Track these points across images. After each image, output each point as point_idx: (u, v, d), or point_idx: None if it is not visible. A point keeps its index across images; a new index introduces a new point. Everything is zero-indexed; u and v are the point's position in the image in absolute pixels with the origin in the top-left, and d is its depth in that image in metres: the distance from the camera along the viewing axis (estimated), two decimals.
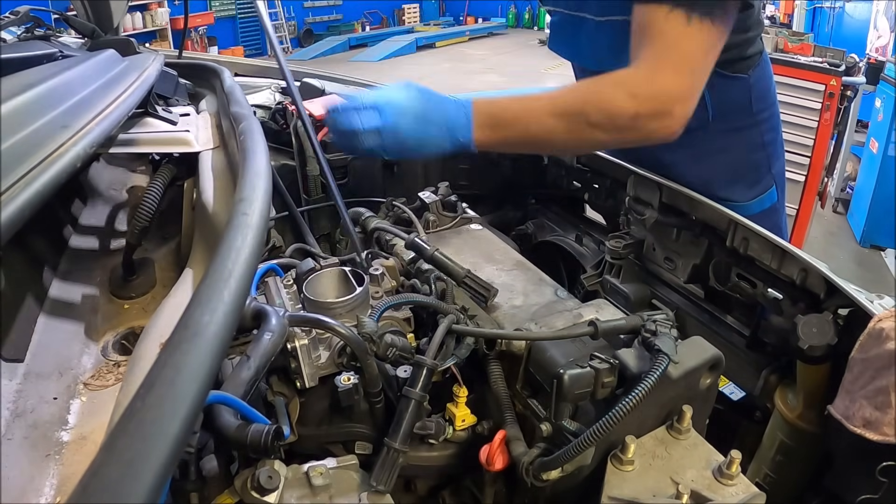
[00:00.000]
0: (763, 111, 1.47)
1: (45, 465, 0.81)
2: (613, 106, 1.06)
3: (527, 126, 1.13)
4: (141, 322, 1.13)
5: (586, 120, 1.08)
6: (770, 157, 1.55)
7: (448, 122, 1.13)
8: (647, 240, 1.57)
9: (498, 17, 17.65)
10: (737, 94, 1.40)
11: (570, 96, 1.11)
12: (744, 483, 0.82)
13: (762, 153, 1.53)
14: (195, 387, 0.48)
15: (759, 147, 1.52)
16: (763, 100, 1.46)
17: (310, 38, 14.60)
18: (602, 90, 1.08)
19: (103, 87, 1.10)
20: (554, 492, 0.91)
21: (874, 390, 0.90)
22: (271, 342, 0.79)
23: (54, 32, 1.68)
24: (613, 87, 1.07)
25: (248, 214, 0.78)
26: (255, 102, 1.85)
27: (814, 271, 1.13)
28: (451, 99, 1.16)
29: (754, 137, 1.50)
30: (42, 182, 0.65)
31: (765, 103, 1.47)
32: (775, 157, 1.56)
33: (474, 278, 1.11)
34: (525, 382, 1.00)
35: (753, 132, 1.49)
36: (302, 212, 1.54)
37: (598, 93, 1.08)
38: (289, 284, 1.07)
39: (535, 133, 1.13)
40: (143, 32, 10.69)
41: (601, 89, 1.08)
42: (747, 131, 1.48)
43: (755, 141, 1.50)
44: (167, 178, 1.30)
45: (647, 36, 1.05)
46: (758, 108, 1.45)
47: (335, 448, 1.00)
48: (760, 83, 1.43)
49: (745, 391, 1.32)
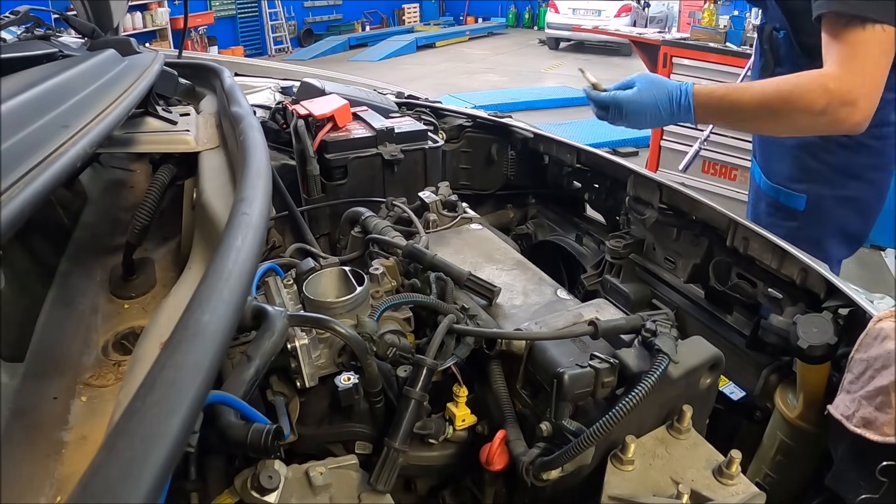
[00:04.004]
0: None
1: (45, 465, 0.81)
2: (814, 95, 1.30)
3: (741, 114, 1.43)
4: (141, 322, 1.13)
5: (791, 107, 1.33)
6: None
7: (672, 109, 1.44)
8: (647, 240, 1.57)
9: (498, 16, 17.64)
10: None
11: (777, 88, 1.36)
12: (744, 483, 0.82)
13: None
14: (195, 387, 0.48)
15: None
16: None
17: (310, 38, 14.60)
18: (803, 83, 1.33)
19: (103, 87, 1.10)
20: (554, 492, 0.91)
21: (874, 390, 0.90)
22: (271, 342, 0.79)
23: (54, 32, 1.68)
24: (811, 81, 1.32)
25: (248, 214, 0.78)
26: (255, 102, 1.85)
27: (814, 271, 1.13)
28: (674, 87, 1.45)
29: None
30: (42, 182, 0.65)
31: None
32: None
33: (476, 279, 1.11)
34: (525, 382, 1.00)
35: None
36: (302, 212, 1.53)
37: (801, 86, 1.33)
38: (289, 284, 1.07)
39: (748, 118, 1.45)
40: (143, 32, 10.70)
41: (803, 83, 1.33)
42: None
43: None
44: (167, 178, 1.30)
45: (834, 43, 1.32)
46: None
47: (335, 448, 1.00)
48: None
49: (745, 391, 1.32)
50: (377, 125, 1.64)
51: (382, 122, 1.66)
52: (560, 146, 1.81)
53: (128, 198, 1.59)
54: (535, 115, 7.85)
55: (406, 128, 1.68)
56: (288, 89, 2.09)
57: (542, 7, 15.55)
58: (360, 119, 1.70)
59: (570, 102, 8.71)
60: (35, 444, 0.84)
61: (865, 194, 1.66)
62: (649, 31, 6.12)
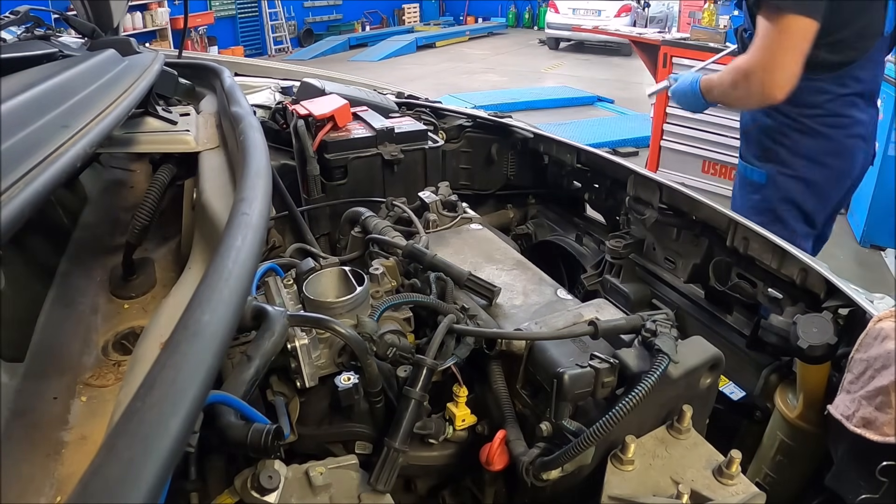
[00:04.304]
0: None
1: (45, 465, 0.81)
2: (733, 73, 1.77)
3: (717, 94, 1.87)
4: (141, 322, 1.12)
5: (726, 84, 1.81)
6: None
7: (692, 93, 1.95)
8: (647, 240, 1.57)
9: (498, 16, 17.63)
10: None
11: (722, 72, 1.83)
12: (744, 483, 0.82)
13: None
14: (195, 387, 0.48)
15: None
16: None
17: (310, 38, 14.59)
18: (730, 65, 1.81)
19: (103, 87, 1.10)
20: (554, 492, 0.91)
21: (874, 390, 0.90)
22: (272, 342, 0.79)
23: (54, 32, 1.67)
24: (733, 62, 1.79)
25: (248, 214, 0.78)
26: (255, 102, 1.85)
27: (814, 271, 1.13)
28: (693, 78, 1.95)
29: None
30: (42, 182, 0.65)
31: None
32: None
33: (476, 279, 1.11)
34: (525, 382, 1.00)
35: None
36: (302, 212, 1.53)
37: (729, 68, 1.80)
38: (289, 284, 1.07)
39: (719, 96, 1.87)
40: (143, 32, 10.69)
41: (730, 65, 1.80)
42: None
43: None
44: (167, 178, 1.30)
45: (756, 31, 1.71)
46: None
47: (335, 448, 1.00)
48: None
49: (745, 391, 1.32)
50: (377, 125, 1.64)
51: (382, 122, 1.66)
52: (560, 146, 1.81)
53: (128, 198, 1.59)
54: (535, 115, 7.84)
55: (406, 128, 1.68)
56: (288, 89, 2.09)
57: (542, 7, 15.54)
58: (360, 119, 1.70)
59: (570, 102, 8.71)
60: (35, 444, 0.84)
61: (821, 177, 1.88)
62: (649, 31, 6.11)
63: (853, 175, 1.92)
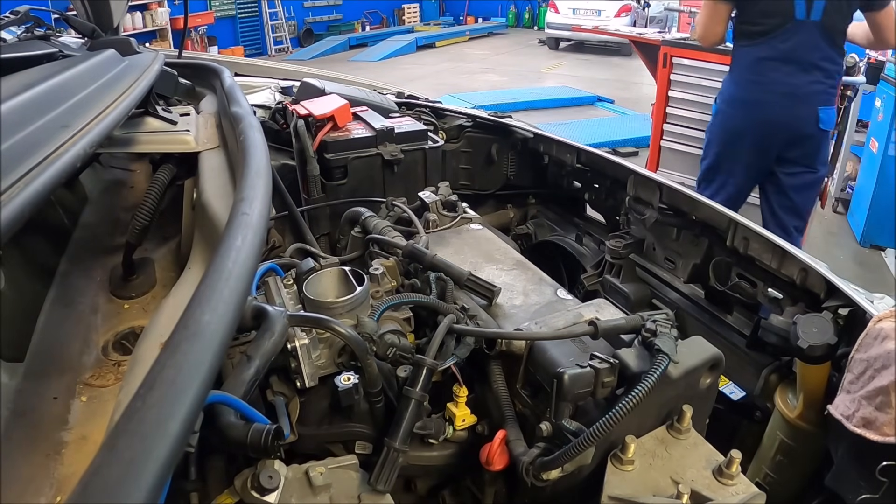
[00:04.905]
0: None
1: (45, 465, 0.81)
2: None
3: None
4: (141, 322, 1.12)
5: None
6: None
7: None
8: (647, 240, 1.57)
9: (498, 16, 17.63)
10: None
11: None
12: (744, 483, 0.82)
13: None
14: (195, 387, 0.48)
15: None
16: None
17: (310, 38, 14.58)
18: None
19: (103, 87, 1.10)
20: (554, 492, 0.91)
21: (874, 390, 0.90)
22: (272, 342, 0.79)
23: (54, 32, 1.67)
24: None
25: (248, 214, 0.78)
26: (255, 102, 1.85)
27: (814, 271, 1.13)
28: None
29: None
30: (42, 182, 0.65)
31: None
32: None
33: (476, 279, 1.11)
34: (525, 382, 1.00)
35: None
36: (302, 212, 1.53)
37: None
38: (289, 284, 1.07)
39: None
40: (143, 32, 10.68)
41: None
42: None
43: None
44: (167, 178, 1.30)
45: None
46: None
47: (335, 448, 1.00)
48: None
49: (745, 391, 1.32)
50: (377, 125, 1.64)
51: (382, 122, 1.66)
52: (560, 146, 1.81)
53: (128, 198, 1.59)
54: (535, 115, 7.84)
55: (406, 128, 1.68)
56: (288, 89, 2.09)
57: (542, 7, 15.54)
58: (360, 119, 1.70)
59: (570, 102, 8.71)
60: (35, 444, 0.84)
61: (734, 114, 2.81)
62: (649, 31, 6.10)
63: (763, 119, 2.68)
